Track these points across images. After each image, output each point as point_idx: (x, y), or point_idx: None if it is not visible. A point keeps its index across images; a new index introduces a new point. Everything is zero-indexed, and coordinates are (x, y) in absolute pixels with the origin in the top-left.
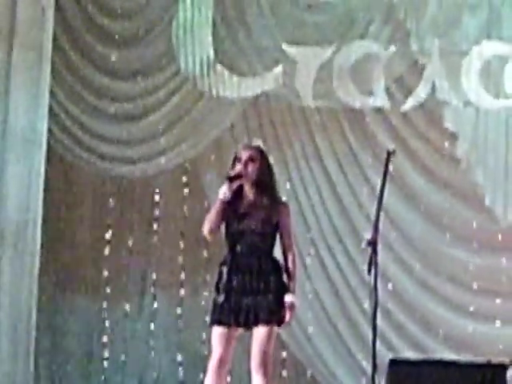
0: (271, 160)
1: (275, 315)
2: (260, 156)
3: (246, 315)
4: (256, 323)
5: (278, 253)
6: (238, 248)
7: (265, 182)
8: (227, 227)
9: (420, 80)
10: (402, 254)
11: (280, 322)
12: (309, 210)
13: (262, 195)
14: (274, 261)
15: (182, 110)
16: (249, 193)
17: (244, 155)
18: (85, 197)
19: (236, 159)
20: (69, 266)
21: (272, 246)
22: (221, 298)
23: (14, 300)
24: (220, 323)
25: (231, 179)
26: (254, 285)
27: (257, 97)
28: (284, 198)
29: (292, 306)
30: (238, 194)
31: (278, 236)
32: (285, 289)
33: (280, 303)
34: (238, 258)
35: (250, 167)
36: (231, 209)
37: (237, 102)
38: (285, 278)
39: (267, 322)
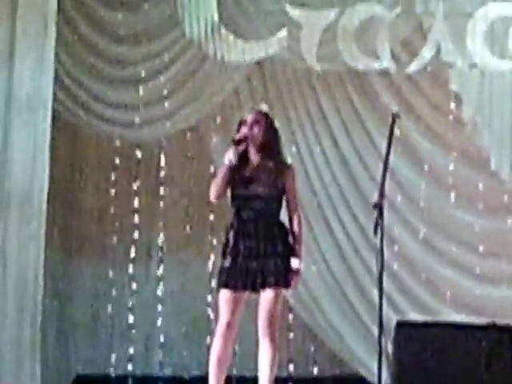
0: (276, 123)
1: (283, 278)
2: (265, 119)
3: (253, 279)
4: (263, 286)
5: (284, 216)
6: (245, 212)
7: (270, 146)
8: (233, 192)
9: (425, 42)
10: (407, 216)
11: (287, 284)
12: (314, 173)
13: (267, 159)
14: (281, 224)
15: (187, 73)
16: (254, 157)
17: (249, 118)
18: (91, 162)
19: (241, 123)
20: (75, 231)
21: (278, 209)
22: (227, 262)
23: (21, 266)
24: (227, 286)
25: (237, 142)
26: (260, 249)
27: (261, 60)
28: (289, 161)
29: (297, 271)
30: (243, 158)
31: (284, 199)
32: (292, 252)
33: (287, 266)
34: (245, 223)
35: (256, 130)
36: (237, 173)
37: (241, 66)
38: (291, 241)
39: (275, 285)
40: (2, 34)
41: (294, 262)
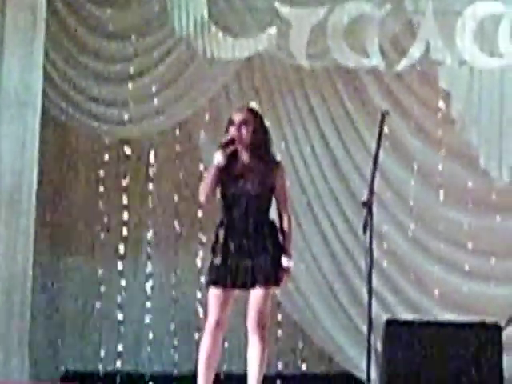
0: (266, 121)
1: (272, 276)
2: (254, 118)
3: (243, 277)
4: (253, 284)
5: (274, 214)
6: (234, 211)
7: (259, 145)
8: (223, 190)
9: (414, 40)
10: (396, 213)
11: (277, 282)
12: (303, 171)
13: (256, 158)
14: (271, 223)
15: (176, 70)
16: (244, 156)
17: (237, 118)
18: (79, 158)
19: (230, 122)
20: (64, 227)
21: (268, 208)
22: (217, 260)
23: (10, 262)
24: (217, 284)
25: (225, 145)
26: (250, 247)
27: (251, 57)
28: (278, 159)
29: (287, 269)
30: (233, 156)
31: (273, 198)
32: (282, 250)
33: (277, 264)
34: (235, 221)
35: (244, 130)
36: (227, 172)
37: (231, 63)
38: (281, 239)
39: (265, 284)
40: None
41: (284, 260)
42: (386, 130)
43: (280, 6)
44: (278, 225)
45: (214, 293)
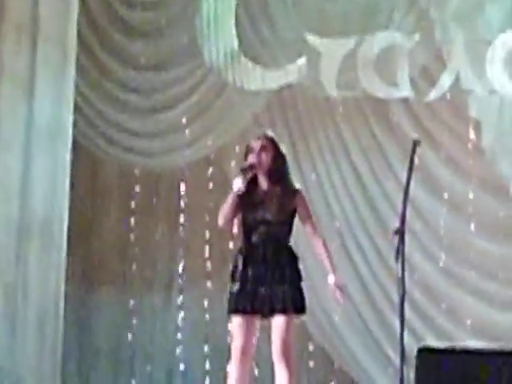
0: (289, 150)
1: (291, 304)
2: (272, 145)
3: (261, 305)
4: (272, 313)
5: (293, 242)
6: (254, 238)
7: (278, 171)
8: (243, 217)
9: (444, 69)
10: (427, 244)
11: (297, 310)
12: (334, 201)
13: (275, 184)
14: (290, 250)
15: (207, 101)
16: (263, 182)
17: (256, 145)
18: (110, 190)
19: (248, 150)
20: (96, 260)
21: (287, 235)
22: (236, 287)
23: (42, 295)
24: (237, 311)
25: (244, 171)
26: (269, 274)
27: (281, 88)
28: (298, 186)
29: (340, 287)
30: (252, 183)
31: (293, 225)
32: (300, 278)
33: (295, 293)
34: (254, 248)
35: (263, 156)
36: (246, 198)
37: (261, 94)
38: (300, 267)
39: (283, 312)
40: (23, 64)
41: (330, 278)
42: (416, 159)
43: (310, 36)
44: (296, 252)
45: (237, 320)
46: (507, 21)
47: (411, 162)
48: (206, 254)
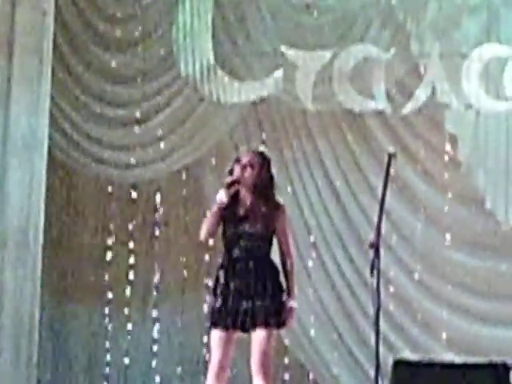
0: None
1: (273, 318)
2: (260, 162)
3: (243, 319)
4: (254, 326)
5: (275, 256)
6: (235, 252)
7: (262, 188)
8: (224, 231)
9: (420, 83)
10: (403, 256)
11: (279, 324)
12: (310, 214)
13: (258, 200)
14: (271, 264)
15: (182, 114)
16: (246, 197)
17: (243, 159)
18: (86, 202)
19: (236, 161)
20: (71, 272)
21: (268, 249)
22: (218, 303)
23: (17, 306)
24: (218, 326)
25: (228, 186)
26: (251, 288)
27: (257, 101)
28: (281, 201)
29: (291, 311)
30: (236, 197)
31: (274, 240)
32: (282, 292)
33: (277, 306)
34: (235, 262)
35: (248, 173)
36: (229, 212)
37: (237, 107)
38: (282, 280)
39: (265, 325)
40: None
41: (288, 302)
42: (392, 172)
43: (286, 49)
44: (278, 266)
45: (216, 335)
46: (483, 34)
47: (387, 174)
48: (182, 267)
